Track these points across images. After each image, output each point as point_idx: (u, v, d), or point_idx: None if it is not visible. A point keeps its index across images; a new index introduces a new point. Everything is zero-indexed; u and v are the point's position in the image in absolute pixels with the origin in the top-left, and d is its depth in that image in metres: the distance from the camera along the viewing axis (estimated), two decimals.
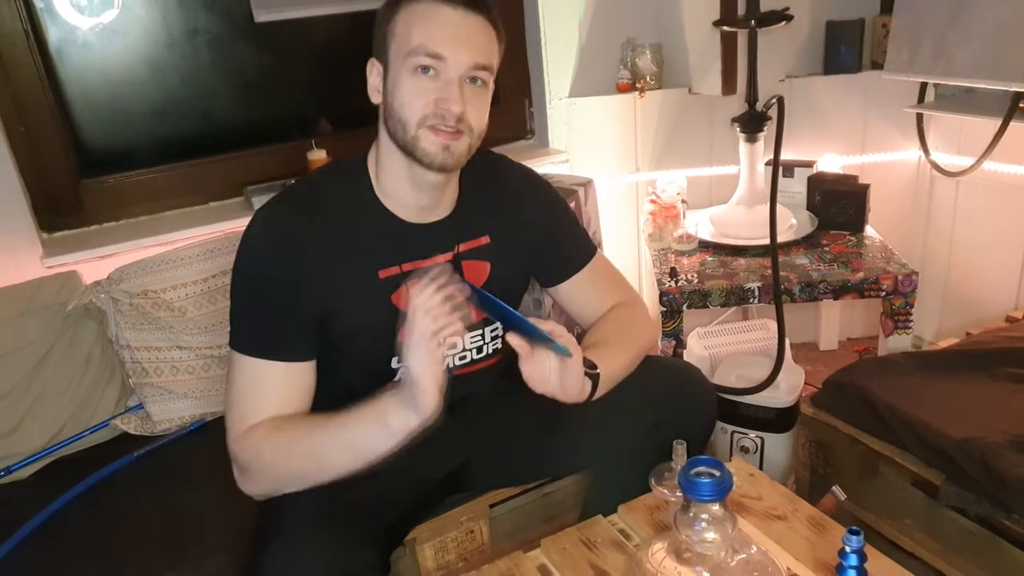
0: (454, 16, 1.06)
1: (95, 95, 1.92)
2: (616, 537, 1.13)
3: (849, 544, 0.86)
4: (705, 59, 2.18)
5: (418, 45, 1.04)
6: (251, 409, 1.09)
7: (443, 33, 1.05)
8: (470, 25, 1.07)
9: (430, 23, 1.05)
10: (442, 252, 1.19)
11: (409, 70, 1.06)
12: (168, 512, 1.42)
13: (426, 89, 1.06)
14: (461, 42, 1.05)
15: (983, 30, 1.93)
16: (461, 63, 1.05)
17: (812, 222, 2.16)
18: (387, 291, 1.15)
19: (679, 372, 1.32)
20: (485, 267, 1.22)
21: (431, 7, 1.06)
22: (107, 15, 1.85)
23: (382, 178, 1.15)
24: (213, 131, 2.09)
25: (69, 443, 1.63)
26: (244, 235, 1.12)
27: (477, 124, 1.10)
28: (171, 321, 1.69)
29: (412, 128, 1.07)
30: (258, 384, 1.09)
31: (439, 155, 1.07)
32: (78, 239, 1.88)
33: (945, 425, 1.41)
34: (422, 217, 1.17)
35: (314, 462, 1.06)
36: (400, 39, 1.07)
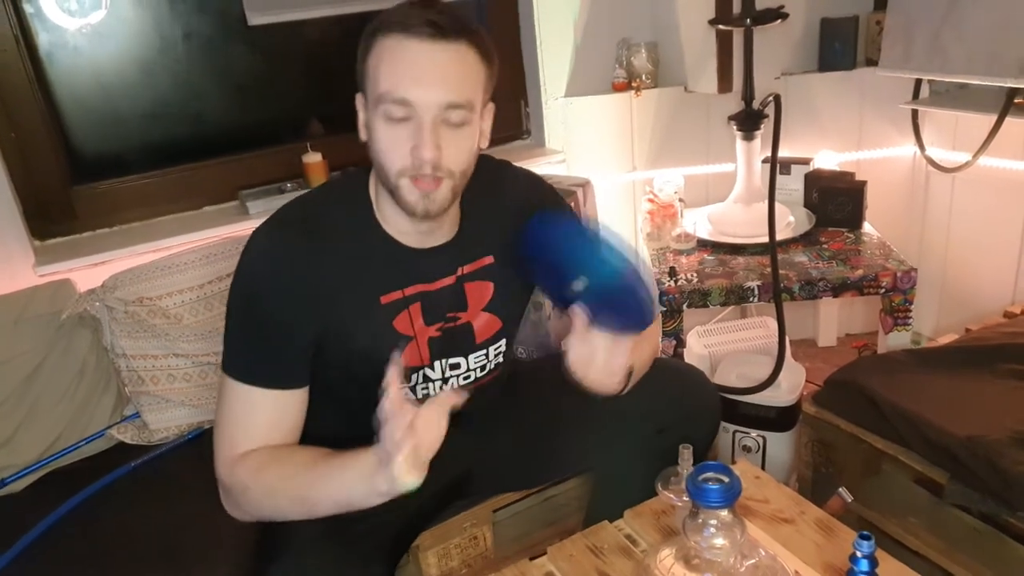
0: (422, 51, 0.97)
1: (87, 100, 1.90)
2: (623, 543, 1.12)
3: (860, 549, 0.85)
4: (701, 57, 2.17)
5: (384, 91, 0.98)
6: (241, 436, 1.06)
7: (409, 74, 0.97)
8: (441, 59, 0.98)
9: (396, 63, 0.98)
10: (445, 276, 1.16)
11: (381, 117, 1.00)
12: (167, 524, 1.40)
13: (400, 138, 1.00)
14: (429, 82, 0.98)
15: (977, 26, 1.93)
16: (431, 105, 0.98)
17: (810, 219, 2.16)
18: (389, 317, 1.12)
19: (683, 376, 1.32)
20: (488, 288, 1.20)
21: (397, 42, 0.98)
22: (95, 16, 1.83)
23: (382, 205, 1.12)
24: (207, 135, 2.07)
25: (64, 454, 1.61)
26: (243, 255, 1.10)
27: (457, 166, 1.04)
28: (167, 328, 1.67)
29: (392, 178, 1.03)
30: (249, 411, 1.07)
31: (419, 204, 1.03)
32: (71, 246, 1.86)
33: (949, 423, 1.40)
34: (423, 242, 1.13)
35: (298, 507, 1.03)
36: (371, 81, 1.01)
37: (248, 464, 1.05)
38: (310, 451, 1.05)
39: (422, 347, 1.16)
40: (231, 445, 1.06)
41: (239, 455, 1.05)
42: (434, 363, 1.18)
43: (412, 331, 1.14)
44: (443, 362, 1.19)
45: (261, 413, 1.07)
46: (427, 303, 1.14)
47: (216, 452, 1.08)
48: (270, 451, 1.06)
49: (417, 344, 1.15)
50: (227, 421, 1.08)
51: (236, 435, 1.07)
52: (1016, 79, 1.85)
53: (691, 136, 2.36)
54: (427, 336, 1.16)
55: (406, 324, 1.13)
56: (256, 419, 1.07)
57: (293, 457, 1.05)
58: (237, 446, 1.06)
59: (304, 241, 1.07)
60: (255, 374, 1.06)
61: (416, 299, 1.13)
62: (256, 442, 1.06)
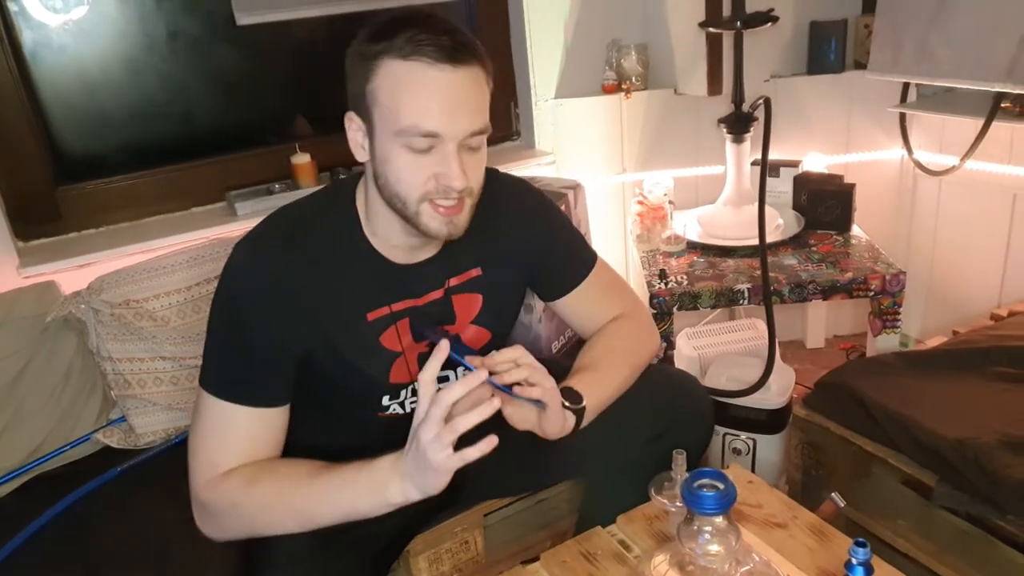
0: (443, 79, 0.95)
1: (72, 99, 1.88)
2: (616, 549, 1.12)
3: (856, 556, 0.85)
4: (690, 60, 2.18)
5: (410, 126, 0.95)
6: (221, 455, 1.04)
7: (435, 106, 0.95)
8: (462, 86, 0.96)
9: (419, 95, 0.95)
10: (432, 289, 1.14)
11: (403, 148, 0.97)
12: (155, 529, 1.38)
13: (423, 165, 0.98)
14: (456, 112, 0.96)
15: (964, 29, 1.95)
16: (458, 134, 0.97)
17: (799, 222, 2.16)
18: (376, 333, 1.11)
19: (676, 383, 1.31)
20: (477, 299, 1.19)
21: (416, 70, 0.94)
22: (77, 12, 1.80)
23: (373, 221, 1.09)
24: (194, 135, 2.05)
25: (49, 458, 1.59)
26: (226, 269, 1.07)
27: (477, 185, 1.04)
28: (154, 331, 1.65)
29: (412, 205, 1.00)
30: (229, 429, 1.04)
31: (443, 229, 1.02)
32: (56, 248, 1.83)
33: (938, 425, 1.41)
34: (411, 257, 1.12)
35: (297, 519, 1.01)
36: (386, 111, 0.97)
37: (234, 481, 1.02)
38: (304, 463, 1.03)
39: (411, 363, 1.14)
40: (211, 464, 1.04)
41: (220, 474, 1.03)
42: None
43: (400, 347, 1.12)
44: None
45: (242, 431, 1.04)
46: (415, 318, 1.13)
47: (193, 470, 1.05)
48: (258, 465, 1.04)
49: (406, 360, 1.14)
50: (206, 439, 1.05)
51: (216, 453, 1.04)
52: (1003, 83, 1.87)
53: (680, 138, 2.37)
54: (417, 352, 1.14)
55: (393, 340, 1.12)
56: (237, 437, 1.04)
57: (287, 470, 1.03)
58: (217, 465, 1.03)
59: (288, 256, 1.05)
60: (237, 392, 1.04)
61: (404, 315, 1.12)
62: (237, 460, 1.04)
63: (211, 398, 1.04)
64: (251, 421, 1.04)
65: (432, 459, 0.91)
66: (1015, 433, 1.35)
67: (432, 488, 0.94)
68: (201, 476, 1.04)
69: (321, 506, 0.99)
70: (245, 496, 1.01)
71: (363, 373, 1.11)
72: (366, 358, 1.10)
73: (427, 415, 0.91)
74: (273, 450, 1.07)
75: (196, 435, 1.06)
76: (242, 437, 1.04)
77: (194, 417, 1.08)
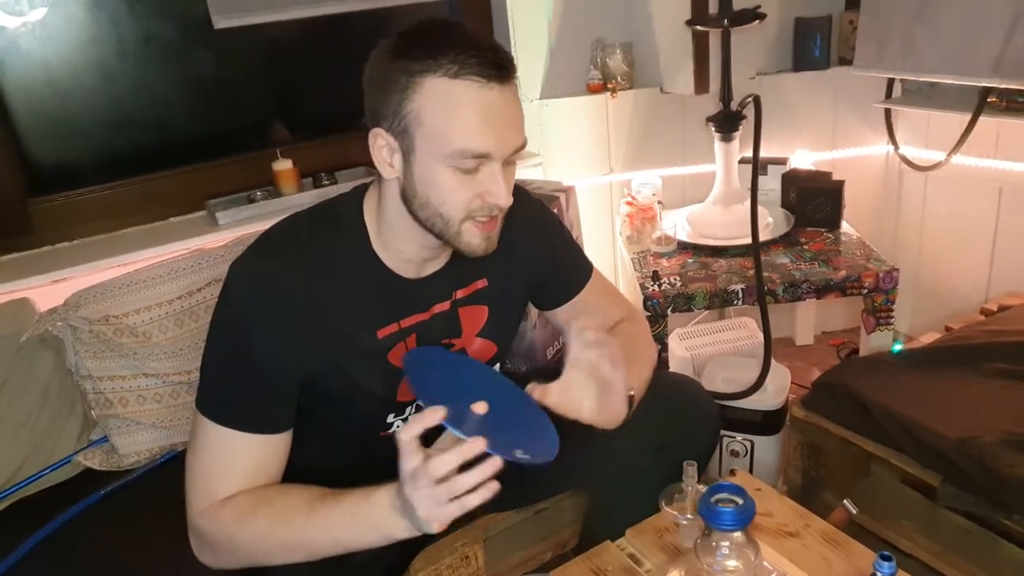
0: (491, 98, 0.92)
1: (42, 108, 1.81)
2: (626, 563, 1.09)
3: (881, 571, 0.83)
4: (676, 58, 2.15)
5: (462, 148, 0.93)
6: (219, 482, 0.99)
7: (486, 128, 0.93)
8: (507, 102, 0.94)
9: (470, 116, 0.92)
10: (439, 302, 1.11)
11: (451, 169, 0.95)
12: (142, 555, 1.33)
13: (469, 184, 0.96)
14: (505, 131, 0.95)
15: (951, 25, 1.94)
16: (506, 152, 0.96)
17: (788, 220, 2.15)
18: (385, 351, 1.07)
19: (683, 390, 1.29)
20: (483, 312, 1.16)
21: (465, 90, 0.91)
22: (41, 15, 1.74)
23: (385, 236, 1.05)
24: (171, 142, 1.98)
25: (28, 483, 1.53)
26: (227, 288, 1.02)
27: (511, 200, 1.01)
28: (135, 347, 1.59)
29: (455, 224, 0.98)
30: (229, 455, 1.00)
31: (482, 245, 1.01)
32: (29, 262, 1.76)
33: (940, 425, 1.40)
34: (421, 271, 1.09)
35: (296, 553, 0.97)
36: (433, 132, 0.93)
37: (229, 512, 0.98)
38: (301, 493, 0.98)
39: None
40: (209, 494, 0.99)
41: (217, 502, 0.98)
42: None
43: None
44: None
45: (242, 458, 1.00)
46: (422, 333, 1.10)
47: (190, 497, 1.01)
48: (255, 495, 0.99)
49: None
50: (204, 465, 1.01)
51: (214, 481, 0.99)
52: (990, 78, 1.87)
53: (667, 137, 2.35)
54: None
55: (401, 357, 1.08)
56: (237, 464, 1.00)
57: (283, 501, 0.98)
58: (216, 492, 0.99)
59: (296, 274, 1.01)
60: (238, 418, 0.99)
61: (412, 331, 1.09)
62: (237, 487, 0.99)
63: (209, 423, 1.00)
64: (252, 448, 1.00)
65: (429, 513, 0.87)
66: (1018, 431, 1.34)
67: (431, 529, 0.90)
68: (197, 503, 1.00)
69: (320, 540, 0.95)
70: (241, 528, 0.97)
71: (370, 392, 1.08)
72: (374, 377, 1.07)
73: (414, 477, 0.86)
74: (274, 476, 1.03)
75: (193, 460, 1.02)
76: (242, 464, 1.00)
77: (191, 441, 1.03)
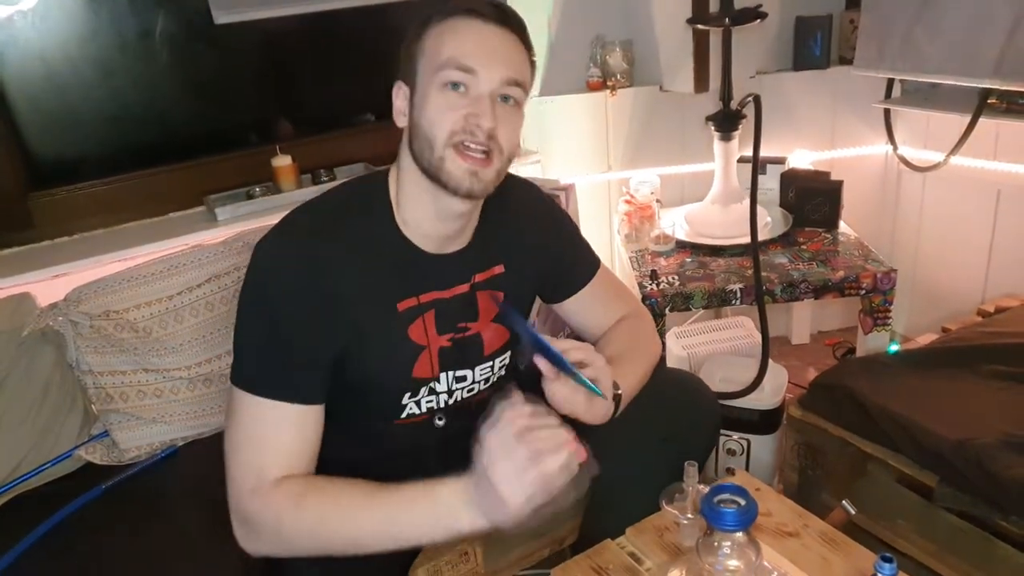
0: (486, 30, 1.01)
1: (43, 102, 1.81)
2: (627, 562, 1.09)
3: (882, 572, 0.84)
4: (676, 57, 2.16)
5: (448, 58, 0.99)
6: (266, 457, 0.98)
7: (475, 47, 1.00)
8: (503, 40, 1.02)
9: (461, 36, 1.00)
10: (459, 283, 1.13)
11: (438, 86, 1.00)
12: (143, 551, 1.33)
13: (456, 104, 0.99)
14: (493, 56, 1.00)
15: (951, 25, 1.95)
16: (493, 78, 1.00)
17: (786, 220, 2.16)
18: (405, 325, 1.08)
19: (685, 384, 1.30)
20: (499, 297, 1.17)
21: (463, 21, 1.01)
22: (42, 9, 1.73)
23: (404, 206, 1.08)
24: (171, 138, 1.99)
25: (30, 477, 1.53)
26: (255, 261, 1.03)
27: (508, 145, 1.03)
28: (136, 343, 1.59)
29: (439, 147, 0.99)
30: (275, 430, 0.99)
31: (465, 180, 1.00)
32: (29, 257, 1.76)
33: (937, 426, 1.41)
34: (442, 248, 1.11)
35: (348, 545, 0.96)
36: (430, 54, 1.01)
37: (281, 494, 0.97)
38: (359, 483, 0.97)
39: (433, 357, 1.12)
40: (257, 472, 0.98)
41: (271, 482, 0.97)
42: (440, 375, 1.14)
43: (426, 340, 1.10)
44: (449, 374, 1.15)
45: (288, 430, 1.00)
46: (440, 311, 1.11)
47: (234, 477, 1.00)
48: (310, 480, 0.99)
49: (429, 353, 1.11)
50: (247, 443, 1.00)
51: (262, 458, 0.99)
52: (991, 79, 1.87)
53: (666, 136, 2.35)
54: (439, 346, 1.12)
55: (420, 332, 1.10)
56: (281, 438, 1.00)
57: (340, 489, 0.97)
58: (264, 469, 0.98)
59: (322, 244, 1.03)
60: (280, 387, 0.99)
61: (430, 307, 1.10)
62: (283, 462, 0.99)
63: (248, 396, 1.00)
64: (295, 420, 1.00)
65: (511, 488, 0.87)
66: (1015, 433, 1.35)
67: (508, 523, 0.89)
68: (245, 483, 0.99)
69: (372, 532, 0.95)
70: (293, 516, 0.96)
71: (389, 368, 1.09)
72: (394, 350, 1.08)
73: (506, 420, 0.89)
74: (313, 450, 1.03)
75: (234, 438, 1.01)
76: (285, 437, 1.00)
77: (229, 420, 1.03)
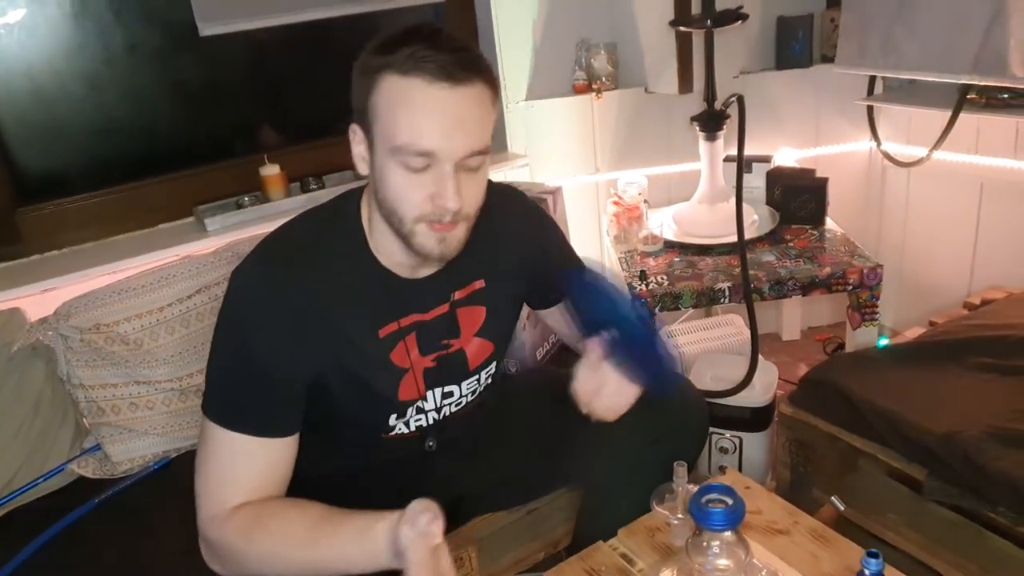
0: (441, 97, 0.92)
1: (29, 116, 1.81)
2: (619, 563, 1.10)
3: (868, 567, 0.85)
4: (660, 58, 2.17)
5: (405, 144, 0.93)
6: (230, 489, 1.00)
7: (432, 125, 0.93)
8: (461, 104, 0.94)
9: (416, 112, 0.92)
10: (437, 304, 1.12)
11: (398, 167, 0.95)
12: (136, 564, 1.34)
13: (419, 184, 0.96)
14: (453, 132, 0.93)
15: (930, 23, 1.96)
16: (455, 155, 0.95)
17: (773, 218, 2.17)
18: (387, 350, 1.09)
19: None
20: (480, 312, 1.17)
21: (414, 87, 0.92)
22: (30, 24, 1.74)
23: (376, 240, 1.07)
24: (159, 149, 1.99)
25: (23, 492, 1.53)
26: (230, 293, 1.03)
27: (474, 208, 1.01)
28: (127, 355, 1.59)
29: (407, 224, 0.98)
30: (240, 462, 1.00)
31: (436, 248, 1.00)
32: (18, 272, 1.76)
33: (925, 420, 1.42)
34: (416, 272, 1.10)
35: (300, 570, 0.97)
36: (384, 126, 0.95)
37: (235, 524, 0.98)
38: (308, 510, 0.99)
39: (418, 378, 1.13)
40: (220, 499, 1.00)
41: (229, 510, 0.99)
42: (427, 393, 1.15)
43: (408, 363, 1.11)
44: (437, 391, 1.16)
45: (254, 463, 1.01)
46: (422, 333, 1.11)
47: (201, 506, 1.01)
48: (261, 508, 0.99)
49: (413, 375, 1.12)
50: (214, 472, 1.01)
51: (225, 488, 1.00)
52: (969, 75, 1.89)
53: (653, 137, 2.36)
54: (423, 367, 1.13)
55: (403, 356, 1.10)
56: (248, 469, 1.00)
57: (288, 517, 0.98)
58: (225, 499, 0.99)
59: (297, 274, 1.02)
60: (246, 423, 1.00)
61: (411, 329, 1.10)
62: (246, 493, 1.00)
63: (217, 428, 1.00)
64: (260, 452, 1.01)
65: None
66: (1002, 425, 1.37)
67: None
68: (207, 511, 1.00)
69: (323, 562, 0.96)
70: (246, 543, 0.98)
71: (374, 392, 1.09)
72: (377, 376, 1.08)
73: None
74: (283, 480, 1.04)
75: (202, 466, 1.02)
76: (251, 469, 1.01)
77: (199, 446, 1.04)
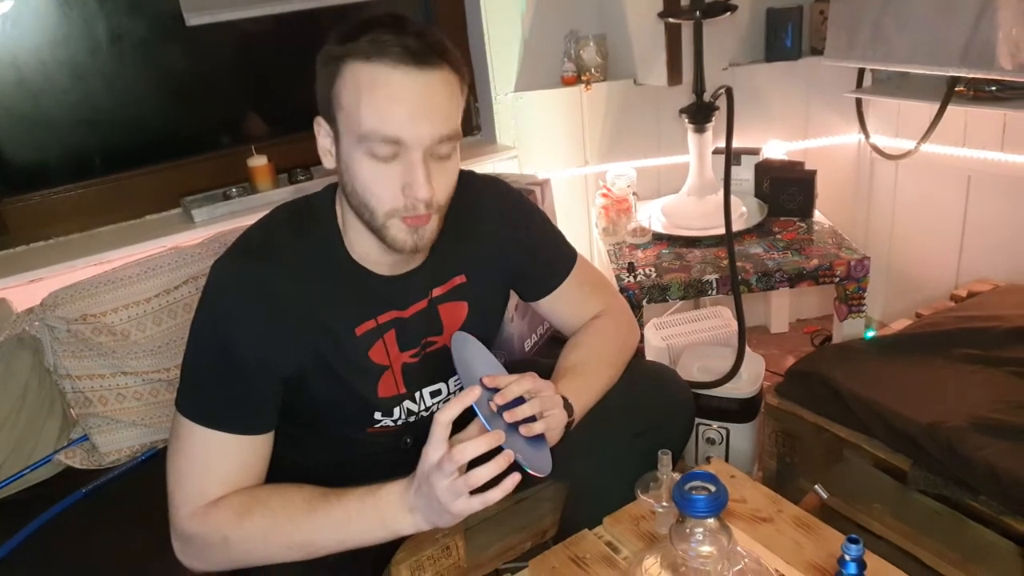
0: (406, 82, 0.90)
1: (13, 107, 1.79)
2: (605, 551, 1.11)
3: (849, 553, 0.86)
4: (650, 50, 2.17)
5: (370, 130, 0.91)
6: (208, 484, 0.99)
7: (397, 110, 0.90)
8: (427, 88, 0.91)
9: (380, 99, 0.90)
10: (416, 301, 1.11)
11: (365, 156, 0.93)
12: (124, 553, 1.33)
13: (388, 175, 0.94)
14: (419, 117, 0.91)
15: (918, 15, 1.97)
16: (423, 141, 0.92)
17: (761, 210, 2.18)
18: (365, 348, 1.08)
19: (658, 376, 1.31)
20: (463, 307, 1.16)
21: (378, 72, 0.90)
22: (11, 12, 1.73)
23: (351, 237, 1.05)
24: (145, 140, 1.98)
25: (9, 483, 1.53)
26: (207, 290, 1.02)
27: (445, 197, 0.99)
28: (114, 346, 1.59)
29: (380, 218, 0.97)
30: (216, 458, 0.99)
31: (409, 240, 0.98)
32: (4, 262, 1.76)
33: (910, 410, 1.43)
34: (395, 269, 1.08)
35: (296, 551, 0.97)
36: (349, 114, 0.93)
37: (224, 513, 0.98)
38: (298, 492, 0.99)
39: (397, 376, 1.12)
40: (198, 495, 0.99)
41: (207, 504, 0.98)
42: (415, 393, 1.15)
43: (387, 360, 1.10)
44: (424, 391, 1.16)
45: (227, 459, 1.00)
46: (401, 329, 1.10)
47: (175, 501, 1.00)
48: (249, 495, 0.99)
49: (393, 373, 1.11)
50: (189, 469, 1.00)
51: (203, 484, 0.99)
52: (957, 68, 1.89)
53: (642, 129, 2.36)
54: (401, 363, 1.12)
55: (381, 354, 1.09)
56: (223, 465, 1.00)
57: (280, 501, 0.98)
58: (205, 494, 0.99)
59: (274, 271, 1.01)
60: (220, 420, 0.99)
61: (390, 327, 1.09)
62: (223, 488, 0.99)
63: (192, 424, 0.99)
64: (235, 449, 1.00)
65: (449, 505, 0.90)
66: (986, 416, 1.38)
67: (445, 523, 0.93)
68: (184, 507, 0.99)
69: (322, 539, 0.96)
70: (237, 529, 0.97)
71: (354, 390, 1.09)
72: (356, 374, 1.08)
73: (440, 465, 0.89)
74: (259, 476, 1.04)
75: (176, 462, 1.01)
76: (228, 466, 1.00)
77: (173, 442, 1.02)
